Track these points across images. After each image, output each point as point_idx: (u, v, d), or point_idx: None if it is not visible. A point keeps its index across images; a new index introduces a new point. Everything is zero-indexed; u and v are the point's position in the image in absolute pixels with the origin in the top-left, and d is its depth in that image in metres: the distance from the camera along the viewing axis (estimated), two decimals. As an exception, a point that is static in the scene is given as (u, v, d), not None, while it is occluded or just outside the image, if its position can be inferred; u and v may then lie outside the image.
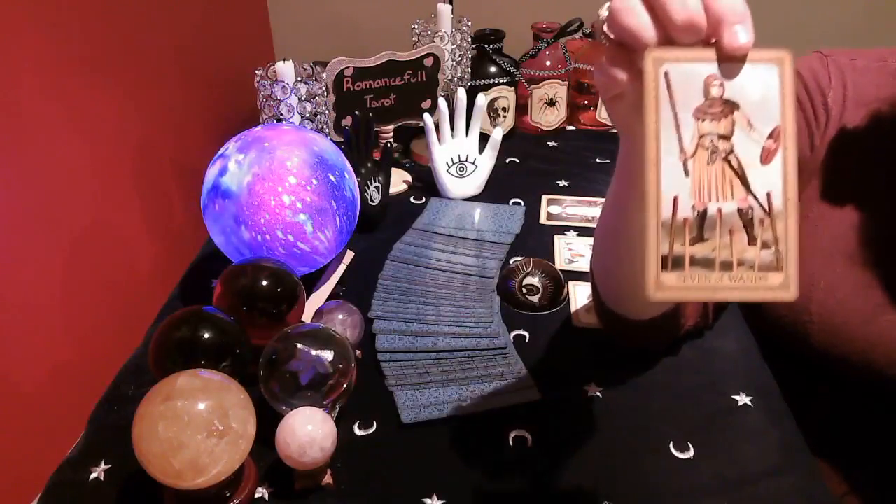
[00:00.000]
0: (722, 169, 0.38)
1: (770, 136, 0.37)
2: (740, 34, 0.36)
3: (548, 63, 1.24)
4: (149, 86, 0.93)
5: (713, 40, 0.37)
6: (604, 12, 0.40)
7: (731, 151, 0.38)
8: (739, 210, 0.38)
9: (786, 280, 0.37)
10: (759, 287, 0.38)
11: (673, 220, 0.37)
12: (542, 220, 1.02)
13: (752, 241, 0.38)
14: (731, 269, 0.38)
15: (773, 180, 0.37)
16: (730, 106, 0.38)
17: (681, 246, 0.37)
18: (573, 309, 0.84)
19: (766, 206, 0.38)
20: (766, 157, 0.38)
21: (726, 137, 0.38)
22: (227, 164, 0.76)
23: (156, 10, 0.95)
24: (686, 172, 0.38)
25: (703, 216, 0.38)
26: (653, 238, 0.37)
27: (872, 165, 0.64)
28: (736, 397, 0.70)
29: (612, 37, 0.39)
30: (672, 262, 0.37)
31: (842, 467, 0.72)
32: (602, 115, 1.31)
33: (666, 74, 0.37)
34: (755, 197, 0.38)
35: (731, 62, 0.37)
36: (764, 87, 0.37)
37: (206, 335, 0.63)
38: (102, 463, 0.64)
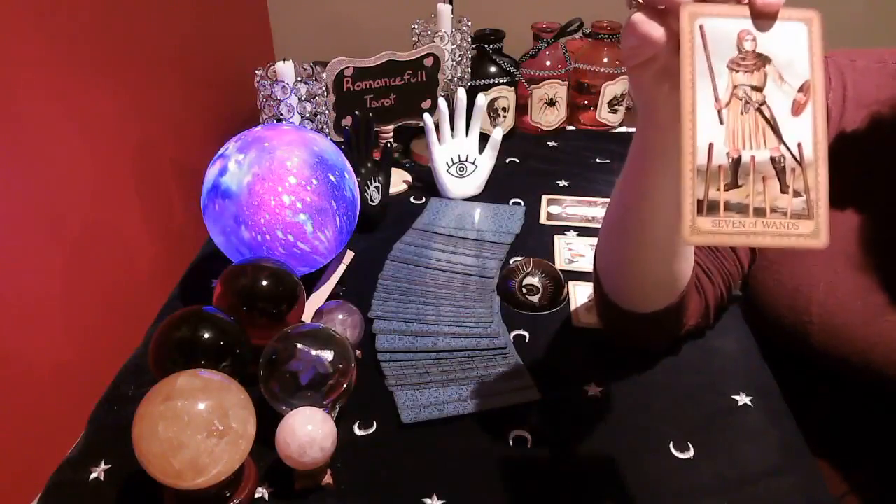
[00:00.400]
0: (755, 119, 0.39)
1: (800, 89, 0.39)
2: None
3: (548, 63, 1.24)
4: (149, 86, 0.93)
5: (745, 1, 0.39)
6: None
7: (764, 102, 0.39)
8: (772, 158, 0.39)
9: (816, 228, 0.39)
10: (791, 233, 0.39)
11: (708, 166, 0.39)
12: (542, 220, 1.02)
13: (784, 188, 0.39)
14: (765, 215, 0.39)
15: (804, 132, 0.39)
16: (762, 60, 0.39)
17: (716, 191, 0.39)
18: (573, 309, 0.84)
19: (798, 156, 0.39)
20: (796, 109, 0.39)
21: (759, 89, 0.39)
22: (227, 164, 0.76)
23: (156, 10, 0.95)
24: (721, 121, 0.39)
25: (737, 163, 0.39)
26: (689, 183, 0.38)
27: (873, 167, 0.64)
28: (736, 397, 0.70)
29: (641, 1, 0.41)
30: (707, 207, 0.38)
31: (842, 467, 0.72)
32: (602, 115, 1.31)
33: (701, 28, 0.38)
34: (787, 146, 0.39)
35: (763, 19, 0.39)
36: (794, 43, 0.39)
37: (206, 335, 0.63)
38: (102, 463, 0.64)
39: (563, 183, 1.13)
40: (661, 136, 0.49)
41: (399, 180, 1.11)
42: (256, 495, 0.61)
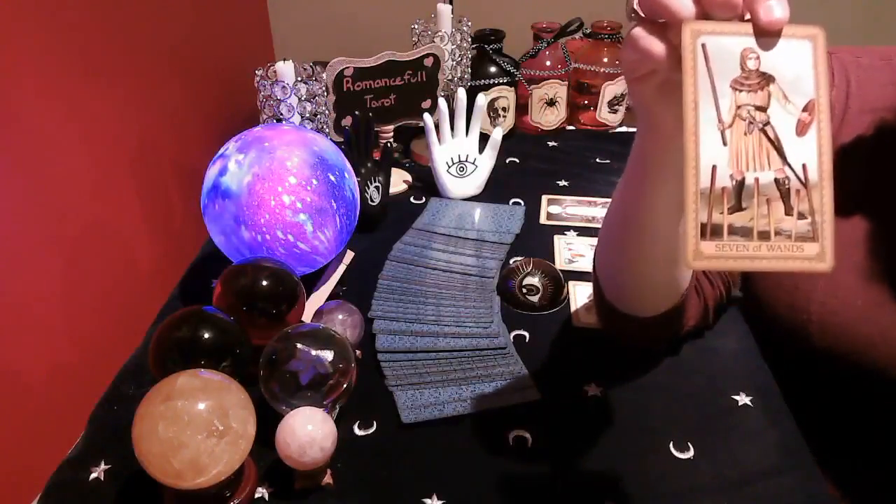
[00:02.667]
0: (759, 139, 0.38)
1: (804, 109, 0.38)
2: (776, 9, 0.37)
3: (548, 63, 1.24)
4: (149, 86, 0.93)
5: (748, 17, 0.38)
6: None
7: (768, 122, 0.38)
8: (776, 180, 0.38)
9: (822, 251, 0.38)
10: (796, 257, 0.38)
11: (711, 188, 0.38)
12: (542, 220, 1.02)
13: (788, 211, 0.38)
14: (769, 238, 0.38)
15: (809, 152, 0.38)
16: (766, 78, 0.38)
17: (719, 215, 0.38)
18: (573, 309, 0.84)
19: (803, 177, 0.38)
20: (801, 129, 0.38)
21: (763, 109, 0.38)
22: (227, 164, 0.76)
23: (155, 10, 0.95)
24: (724, 142, 0.38)
25: (741, 185, 0.38)
26: (692, 207, 0.38)
27: (874, 167, 0.64)
28: (736, 397, 0.70)
29: (642, 15, 0.40)
30: (711, 231, 0.38)
31: (842, 467, 0.72)
32: (602, 115, 1.30)
33: (703, 46, 0.38)
34: (791, 168, 0.38)
35: (766, 36, 0.38)
36: (798, 61, 0.38)
37: (206, 335, 0.63)
38: (102, 463, 0.64)
39: (563, 183, 1.13)
40: (662, 146, 0.49)
41: (399, 180, 1.11)
42: (256, 495, 0.61)
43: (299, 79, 0.95)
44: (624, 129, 1.33)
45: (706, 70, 0.38)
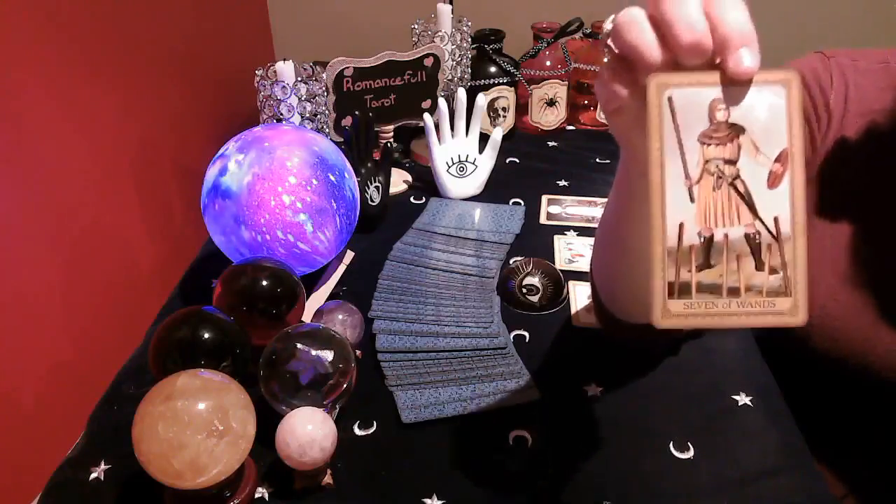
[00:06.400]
0: (728, 194, 0.37)
1: (777, 159, 0.37)
2: (745, 58, 0.35)
3: (548, 63, 1.24)
4: (149, 86, 0.93)
5: (718, 61, 0.36)
6: (608, 25, 0.39)
7: (738, 176, 0.37)
8: (746, 235, 0.37)
9: (794, 305, 0.37)
10: (768, 312, 0.37)
11: (679, 246, 0.37)
12: (542, 220, 1.02)
13: (759, 266, 0.37)
14: (739, 294, 0.37)
15: (781, 204, 0.37)
16: (735, 130, 0.37)
17: (687, 273, 0.37)
18: (573, 309, 0.84)
19: (774, 231, 0.37)
20: (773, 181, 0.37)
21: (732, 162, 0.37)
22: (227, 164, 0.76)
23: (156, 10, 0.95)
24: (691, 199, 0.37)
25: (709, 242, 0.37)
26: (659, 265, 0.37)
27: (871, 173, 0.64)
28: (736, 397, 0.70)
29: (615, 51, 0.39)
30: (679, 289, 0.37)
31: (842, 467, 0.72)
32: (602, 115, 1.31)
33: (670, 99, 0.36)
34: (762, 222, 0.37)
35: (736, 85, 0.36)
36: (770, 109, 0.36)
37: (206, 335, 0.63)
38: (102, 463, 0.64)
39: (563, 183, 1.13)
40: (643, 172, 0.49)
41: (399, 180, 1.11)
42: (256, 495, 0.61)
43: (299, 79, 0.95)
44: (624, 129, 1.33)
45: (672, 125, 0.36)
